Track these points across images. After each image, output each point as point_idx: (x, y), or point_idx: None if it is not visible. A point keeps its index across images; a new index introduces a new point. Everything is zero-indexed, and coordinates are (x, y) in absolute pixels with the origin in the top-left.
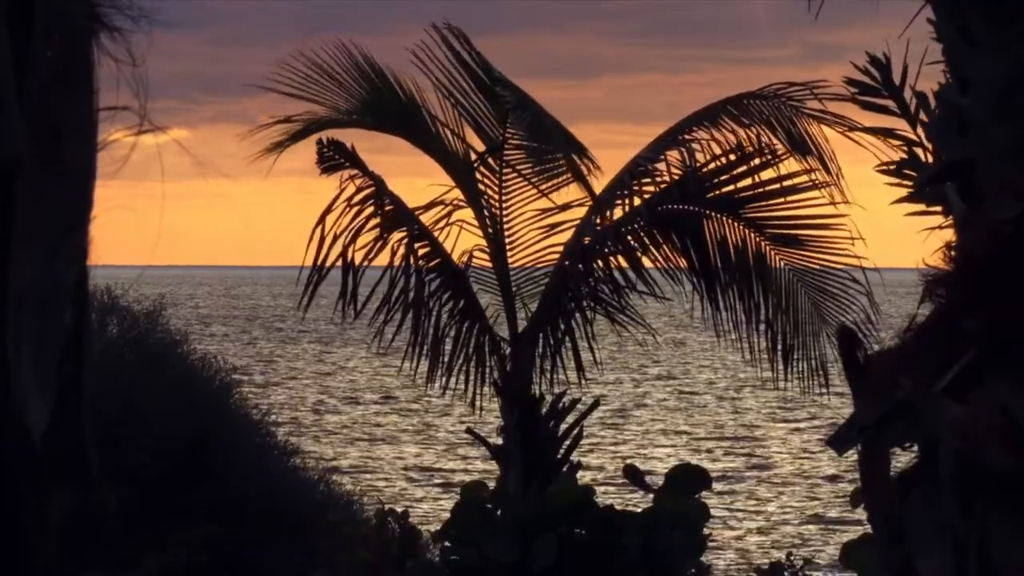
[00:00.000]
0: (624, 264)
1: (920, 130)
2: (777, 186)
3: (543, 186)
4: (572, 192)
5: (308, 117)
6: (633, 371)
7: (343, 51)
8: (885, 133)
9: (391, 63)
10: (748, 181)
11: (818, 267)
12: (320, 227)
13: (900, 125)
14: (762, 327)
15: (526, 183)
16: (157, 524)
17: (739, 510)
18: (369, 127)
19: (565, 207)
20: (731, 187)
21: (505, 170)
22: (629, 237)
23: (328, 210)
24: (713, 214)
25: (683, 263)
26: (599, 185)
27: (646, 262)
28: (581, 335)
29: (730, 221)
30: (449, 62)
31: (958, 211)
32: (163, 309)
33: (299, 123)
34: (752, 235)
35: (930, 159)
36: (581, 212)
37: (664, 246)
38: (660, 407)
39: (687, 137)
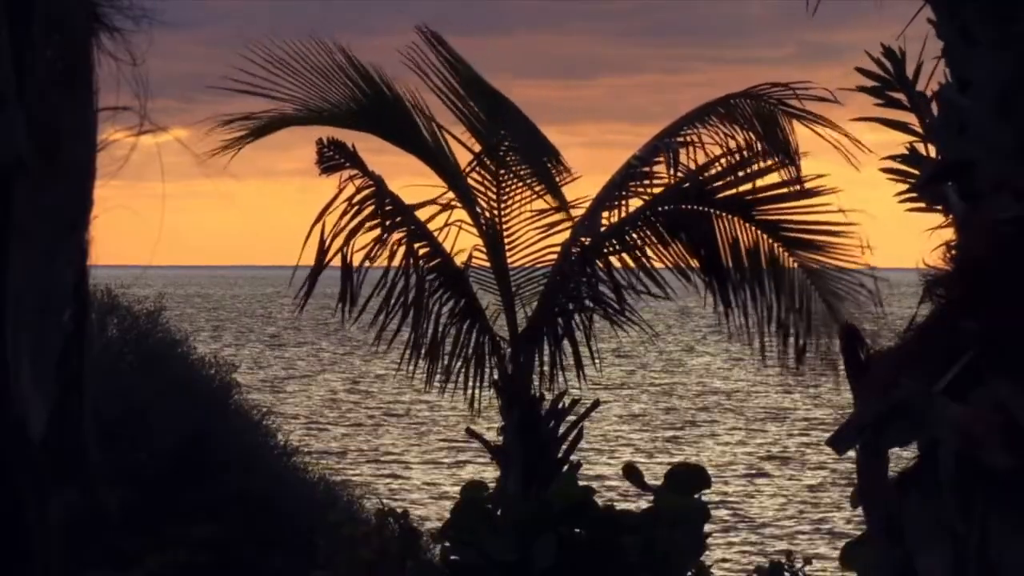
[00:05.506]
0: (629, 263)
1: None
2: (786, 189)
3: (539, 187)
4: (570, 192)
5: (276, 114)
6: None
7: (325, 49)
8: (895, 126)
9: (388, 65)
10: (749, 185)
11: (831, 270)
12: (320, 227)
13: (911, 120)
14: (773, 326)
15: (523, 184)
16: (157, 524)
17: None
18: (347, 126)
19: (562, 208)
20: (736, 189)
21: (502, 171)
22: (635, 235)
23: (326, 210)
24: (723, 215)
25: (695, 263)
26: (580, 188)
27: (655, 262)
28: (581, 335)
29: (741, 222)
30: (444, 64)
31: (958, 211)
32: (163, 309)
33: (263, 119)
34: (764, 237)
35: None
36: (579, 212)
37: (673, 245)
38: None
39: (677, 140)
